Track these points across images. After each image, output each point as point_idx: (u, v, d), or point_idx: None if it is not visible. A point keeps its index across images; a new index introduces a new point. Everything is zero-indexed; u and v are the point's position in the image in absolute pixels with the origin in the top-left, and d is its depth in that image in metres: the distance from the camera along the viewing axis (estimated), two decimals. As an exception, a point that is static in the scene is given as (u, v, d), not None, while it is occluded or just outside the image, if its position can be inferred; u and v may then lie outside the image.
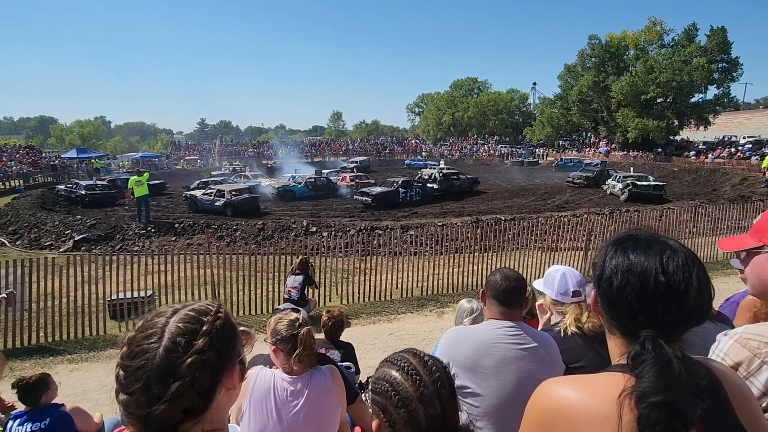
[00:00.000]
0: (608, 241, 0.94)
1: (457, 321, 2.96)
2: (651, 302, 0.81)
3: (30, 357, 5.65)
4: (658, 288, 0.81)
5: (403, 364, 1.01)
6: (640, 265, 0.84)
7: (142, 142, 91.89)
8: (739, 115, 48.92)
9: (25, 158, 35.33)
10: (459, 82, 71.24)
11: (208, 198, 18.43)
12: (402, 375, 0.99)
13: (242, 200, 18.02)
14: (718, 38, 36.61)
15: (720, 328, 1.41)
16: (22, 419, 2.72)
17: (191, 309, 0.85)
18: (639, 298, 0.82)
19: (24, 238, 13.63)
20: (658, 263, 0.83)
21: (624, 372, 0.81)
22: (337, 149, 57.08)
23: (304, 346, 1.90)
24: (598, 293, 0.90)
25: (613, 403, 0.77)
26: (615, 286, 0.84)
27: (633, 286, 0.82)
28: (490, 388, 1.68)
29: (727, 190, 22.88)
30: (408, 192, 20.45)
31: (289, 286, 5.79)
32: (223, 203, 17.80)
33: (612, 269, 0.86)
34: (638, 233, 0.91)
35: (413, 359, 1.03)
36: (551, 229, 9.61)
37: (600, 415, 0.77)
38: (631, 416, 0.75)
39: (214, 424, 0.84)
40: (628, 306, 0.82)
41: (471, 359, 1.71)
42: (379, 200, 18.95)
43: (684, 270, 0.82)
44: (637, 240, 0.89)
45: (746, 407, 0.81)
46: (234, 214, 17.23)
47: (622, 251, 0.87)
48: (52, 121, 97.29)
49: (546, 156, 46.56)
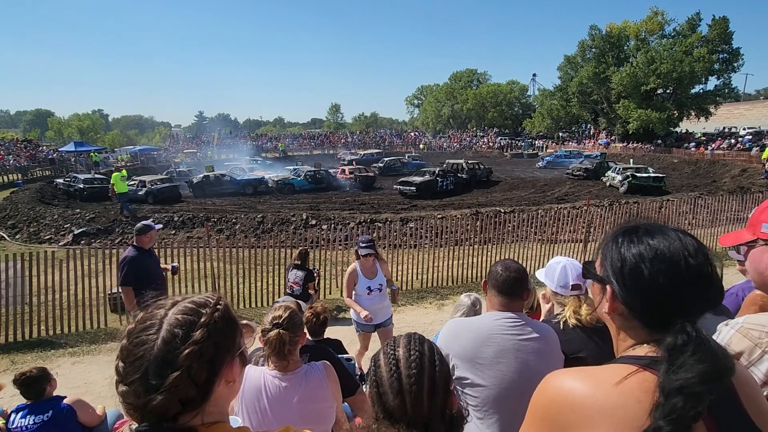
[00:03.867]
0: (613, 233, 0.91)
1: (456, 316, 2.97)
2: (684, 287, 0.80)
3: (31, 350, 5.67)
4: (690, 271, 0.80)
5: (390, 351, 1.11)
6: (667, 251, 0.82)
7: (140, 135, 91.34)
8: (739, 106, 48.73)
9: (22, 152, 35.18)
10: (458, 74, 70.71)
11: (132, 189, 19.87)
12: (384, 360, 1.09)
13: (162, 188, 20.57)
14: (719, 28, 36.27)
15: (720, 319, 1.41)
16: (24, 412, 2.73)
17: (190, 301, 0.86)
18: (673, 284, 0.80)
19: (23, 232, 13.62)
20: (682, 247, 0.82)
21: (632, 364, 0.80)
22: (335, 141, 56.86)
23: (271, 347, 1.86)
24: (619, 287, 0.85)
25: (620, 394, 0.76)
26: (646, 274, 0.82)
27: (665, 272, 0.80)
28: (489, 378, 1.69)
29: (726, 181, 22.84)
30: (444, 181, 21.34)
31: (291, 281, 5.81)
32: (144, 192, 20.09)
33: (636, 258, 0.83)
34: (641, 223, 0.90)
35: (402, 349, 1.10)
36: (551, 221, 9.62)
37: (606, 407, 0.76)
38: (639, 408, 0.74)
39: (214, 416, 0.84)
40: (660, 294, 0.81)
41: (470, 350, 1.72)
42: (423, 189, 19.89)
43: (702, 252, 0.83)
44: (647, 228, 0.87)
45: (753, 398, 0.80)
46: (155, 202, 19.74)
47: (638, 240, 0.85)
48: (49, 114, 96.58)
49: (545, 148, 46.40)
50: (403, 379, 1.04)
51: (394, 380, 1.04)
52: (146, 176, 22.55)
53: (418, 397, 1.02)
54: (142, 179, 21.22)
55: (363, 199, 19.79)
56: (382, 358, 1.11)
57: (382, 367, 1.08)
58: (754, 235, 1.21)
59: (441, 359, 1.11)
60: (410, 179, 20.88)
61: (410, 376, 1.04)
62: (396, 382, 1.04)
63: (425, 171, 22.24)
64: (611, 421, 0.75)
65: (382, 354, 1.12)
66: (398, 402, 1.02)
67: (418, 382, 1.03)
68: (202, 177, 22.63)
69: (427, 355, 1.08)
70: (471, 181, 23.39)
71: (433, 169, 22.22)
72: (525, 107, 62.59)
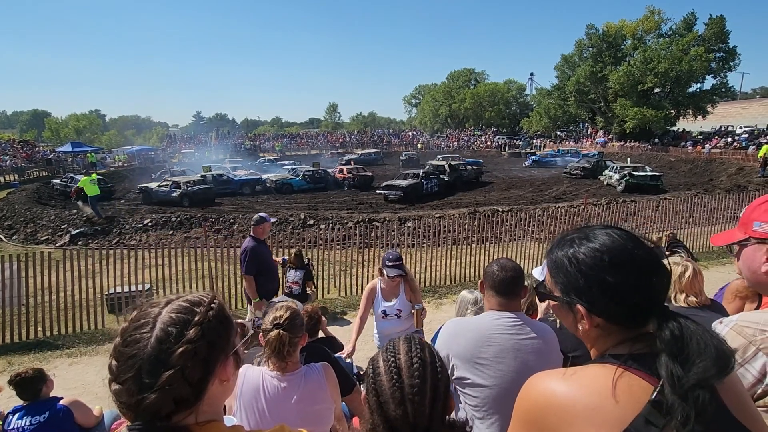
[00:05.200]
0: (551, 253, 0.91)
1: (460, 312, 2.94)
2: (649, 278, 0.82)
3: (29, 351, 5.64)
4: (644, 260, 0.83)
5: (390, 358, 1.05)
6: (616, 251, 0.84)
7: (137, 135, 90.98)
8: (736, 105, 48.91)
9: (19, 152, 35.04)
10: (456, 73, 70.75)
11: (163, 190, 19.11)
12: (385, 367, 1.04)
13: (198, 191, 19.20)
14: (716, 27, 36.42)
15: (714, 317, 1.42)
16: (21, 413, 2.72)
17: (184, 300, 0.85)
18: (639, 278, 0.81)
19: (20, 232, 13.57)
20: (627, 244, 0.84)
21: (613, 363, 0.80)
22: (333, 141, 56.81)
23: (271, 347, 1.86)
24: (590, 303, 0.84)
25: (601, 395, 0.76)
26: (611, 281, 0.82)
27: (631, 272, 0.82)
28: (489, 378, 1.69)
29: (723, 180, 22.92)
30: (429, 183, 20.62)
31: (290, 281, 5.82)
32: (179, 193, 18.74)
33: (594, 270, 0.84)
34: (570, 233, 0.91)
35: (403, 356, 1.05)
36: (548, 220, 9.64)
37: (588, 408, 0.76)
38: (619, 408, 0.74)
39: (208, 415, 0.84)
40: (631, 293, 0.81)
41: (470, 350, 1.72)
42: (409, 192, 18.95)
43: (639, 241, 0.86)
44: (581, 236, 0.88)
45: (732, 390, 0.79)
46: (191, 204, 18.34)
47: (585, 252, 0.86)
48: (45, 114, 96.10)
49: (543, 147, 46.47)
50: (406, 389, 1.00)
51: (396, 390, 1.00)
52: (180, 177, 20.99)
53: (420, 405, 0.99)
54: (176, 180, 19.75)
55: (361, 199, 19.80)
56: (382, 365, 1.05)
57: (382, 375, 1.03)
58: (745, 233, 1.21)
59: (442, 364, 1.09)
60: (395, 183, 19.76)
61: (413, 386, 1.00)
62: (398, 391, 0.99)
63: (408, 174, 21.07)
64: (592, 422, 0.75)
65: (381, 361, 1.06)
66: (400, 412, 0.98)
67: (421, 392, 1.00)
68: None
69: (429, 362, 1.05)
70: (456, 182, 22.63)
71: (416, 171, 21.41)
72: (522, 106, 62.72)
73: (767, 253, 1.16)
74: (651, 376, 0.76)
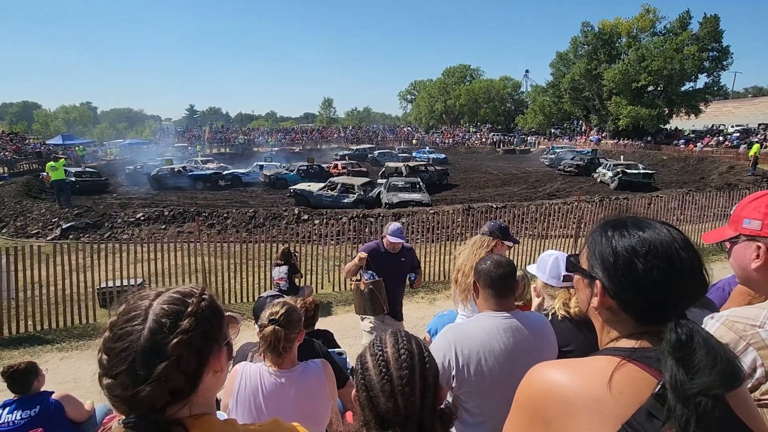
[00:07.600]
0: (600, 227, 0.90)
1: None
2: (678, 280, 0.80)
3: (19, 346, 5.59)
4: (683, 265, 0.80)
5: (377, 351, 1.06)
6: (659, 245, 0.81)
7: (129, 128, 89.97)
8: (727, 104, 49.38)
9: (8, 145, 34.50)
10: (451, 69, 70.67)
11: (330, 194, 16.61)
12: (372, 362, 1.04)
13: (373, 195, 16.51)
14: (709, 26, 36.68)
15: (706, 313, 1.43)
16: (11, 407, 2.70)
17: (175, 291, 0.85)
18: (667, 278, 0.80)
19: (10, 226, 13.38)
20: (672, 240, 0.82)
21: (616, 355, 0.80)
22: (328, 136, 56.61)
23: (267, 343, 1.86)
24: (610, 282, 0.84)
25: (603, 386, 0.76)
26: (640, 269, 0.80)
27: (659, 266, 0.80)
28: (488, 380, 1.67)
29: (714, 178, 23.15)
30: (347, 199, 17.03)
31: (276, 279, 5.79)
32: (354, 199, 16.15)
33: (628, 253, 0.82)
34: (627, 216, 0.89)
35: (390, 349, 1.05)
36: (542, 217, 9.69)
37: (590, 399, 0.76)
38: (622, 399, 0.74)
39: (202, 408, 0.83)
40: (654, 288, 0.80)
41: (468, 354, 1.69)
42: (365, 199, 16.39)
43: (691, 246, 0.83)
44: (635, 222, 0.86)
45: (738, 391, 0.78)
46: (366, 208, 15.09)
47: (629, 234, 0.84)
48: (35, 106, 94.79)
49: (537, 144, 46.64)
50: (395, 381, 1.00)
51: (385, 382, 1.00)
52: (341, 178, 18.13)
53: (410, 397, 1.00)
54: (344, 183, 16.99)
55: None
56: (369, 360, 1.05)
57: (370, 369, 1.03)
58: (736, 231, 1.23)
59: (429, 355, 1.09)
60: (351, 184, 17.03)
61: (402, 377, 1.00)
62: (387, 384, 1.00)
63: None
64: (594, 412, 0.75)
65: (369, 355, 1.06)
66: (391, 404, 0.99)
67: (410, 383, 1.00)
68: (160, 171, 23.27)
69: (417, 353, 1.06)
70: (412, 187, 17.32)
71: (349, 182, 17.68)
72: (517, 103, 62.84)
73: (757, 250, 1.17)
74: (656, 370, 0.76)
